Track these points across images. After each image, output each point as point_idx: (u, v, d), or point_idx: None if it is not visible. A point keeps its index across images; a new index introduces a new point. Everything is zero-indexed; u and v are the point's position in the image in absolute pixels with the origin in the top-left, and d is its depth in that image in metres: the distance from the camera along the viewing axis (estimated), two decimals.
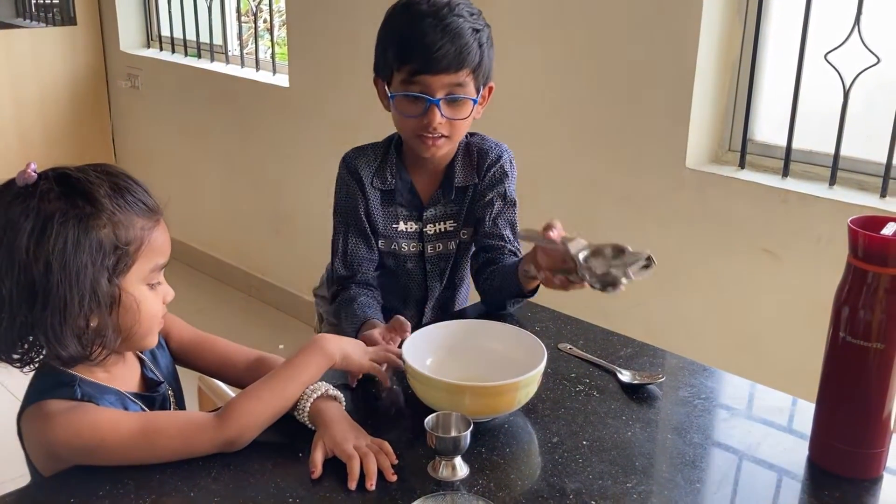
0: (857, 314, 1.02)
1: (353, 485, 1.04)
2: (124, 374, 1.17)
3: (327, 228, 1.61)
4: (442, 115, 1.41)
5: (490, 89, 1.50)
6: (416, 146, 1.47)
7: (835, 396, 1.08)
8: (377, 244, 1.57)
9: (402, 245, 1.57)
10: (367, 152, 1.56)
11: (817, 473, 1.10)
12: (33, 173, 1.06)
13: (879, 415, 1.05)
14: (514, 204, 1.58)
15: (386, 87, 1.47)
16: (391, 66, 1.43)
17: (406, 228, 1.56)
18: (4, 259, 1.03)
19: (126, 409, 1.13)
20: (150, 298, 1.11)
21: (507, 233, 1.56)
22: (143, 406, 1.17)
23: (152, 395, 1.21)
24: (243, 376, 1.27)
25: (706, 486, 1.07)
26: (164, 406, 1.22)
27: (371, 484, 1.04)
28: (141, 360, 1.23)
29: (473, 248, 1.61)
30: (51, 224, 1.02)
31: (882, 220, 1.04)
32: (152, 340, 1.17)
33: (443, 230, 1.58)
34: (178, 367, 1.32)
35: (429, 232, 1.57)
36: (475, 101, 1.45)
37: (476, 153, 1.56)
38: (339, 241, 1.57)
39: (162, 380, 1.24)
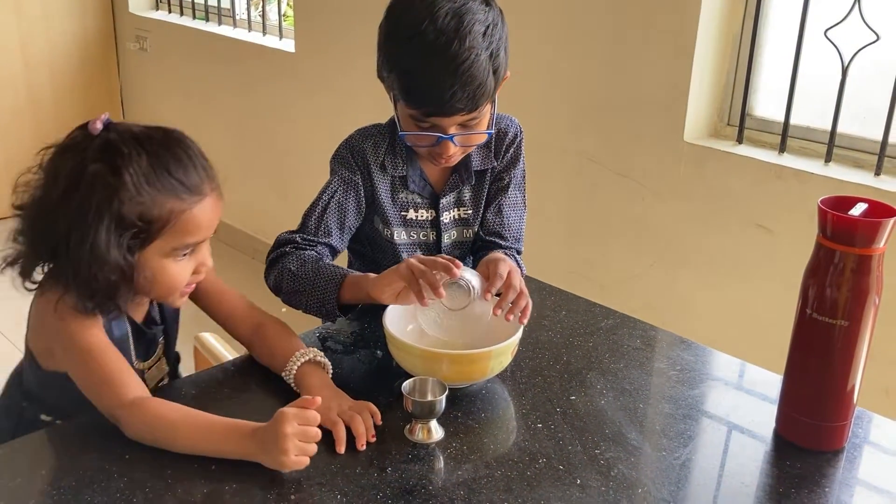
0: (823, 292, 1.04)
1: (341, 448, 1.07)
2: (136, 303, 1.22)
3: None
4: (456, 145, 1.33)
5: (505, 79, 1.37)
6: (430, 161, 1.40)
7: (801, 371, 1.11)
8: (385, 234, 1.46)
9: (415, 234, 1.47)
10: (373, 135, 1.44)
11: (782, 445, 1.13)
12: (99, 125, 1.09)
13: (843, 389, 1.08)
14: (523, 198, 1.52)
15: (393, 103, 1.36)
16: (396, 97, 1.32)
17: (417, 217, 1.46)
18: (43, 202, 1.09)
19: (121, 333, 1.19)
20: (170, 270, 1.13)
21: (511, 220, 1.49)
22: (133, 339, 1.23)
23: (146, 330, 1.25)
24: (246, 339, 1.31)
25: (672, 453, 1.10)
26: (150, 344, 1.28)
27: (361, 444, 1.08)
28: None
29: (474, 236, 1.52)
30: (79, 187, 1.06)
31: (852, 201, 1.05)
32: (175, 302, 1.20)
33: (458, 217, 1.49)
34: (184, 317, 1.36)
35: (444, 220, 1.47)
36: (490, 133, 1.38)
37: (495, 134, 1.46)
38: (312, 213, 1.42)
39: (160, 322, 1.28)
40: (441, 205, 1.46)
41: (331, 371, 1.22)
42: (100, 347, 1.11)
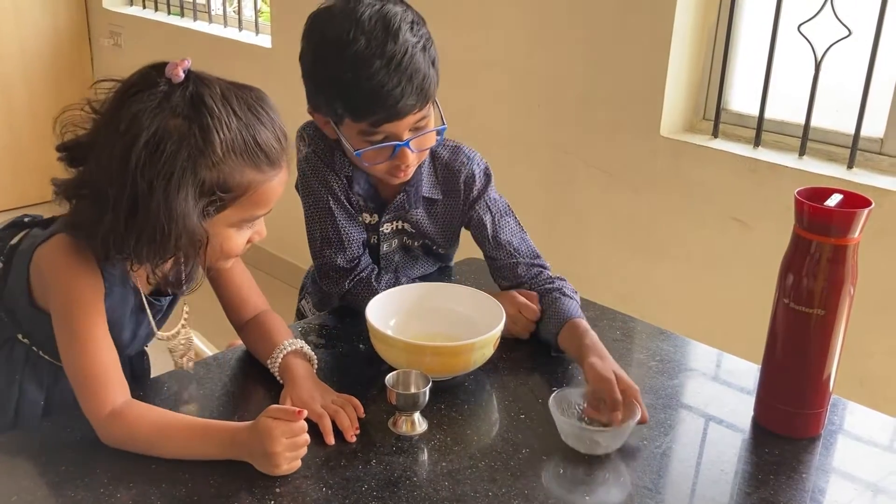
0: (800, 282, 1.06)
1: (330, 439, 1.08)
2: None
3: None
4: (413, 151, 1.28)
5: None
6: (387, 179, 1.34)
7: (778, 359, 1.13)
8: None
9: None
10: (324, 134, 1.37)
11: (760, 433, 1.15)
12: (182, 73, 1.03)
13: (819, 377, 1.10)
14: (508, 212, 1.45)
15: (335, 128, 1.30)
16: (341, 116, 1.26)
17: (362, 219, 1.41)
18: (120, 157, 0.99)
19: (124, 313, 1.16)
20: (232, 238, 1.09)
21: (517, 244, 1.42)
22: (137, 314, 1.19)
23: (154, 302, 1.22)
24: (240, 324, 1.29)
25: (653, 442, 1.11)
26: (158, 315, 1.24)
27: (350, 436, 1.08)
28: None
29: (492, 267, 1.45)
30: (164, 144, 0.99)
31: (827, 192, 1.07)
32: (224, 266, 1.17)
33: (399, 228, 1.45)
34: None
35: (385, 230, 1.43)
36: (443, 129, 1.32)
37: (442, 168, 1.41)
38: (327, 228, 1.36)
39: (169, 293, 1.23)
40: (384, 215, 1.41)
41: (316, 364, 1.22)
42: (96, 340, 1.06)
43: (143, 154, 0.99)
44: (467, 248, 1.54)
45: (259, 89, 1.10)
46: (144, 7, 3.89)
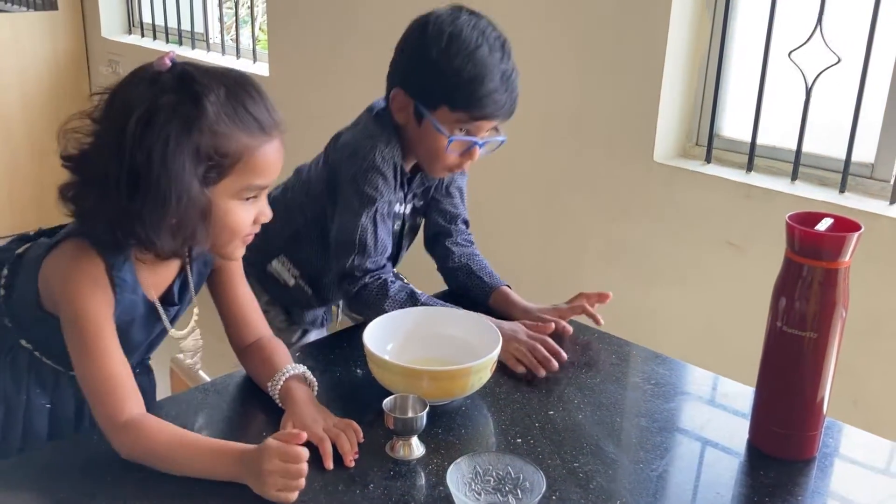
0: (793, 305, 1.08)
1: (329, 463, 1.08)
2: (162, 274, 1.20)
3: None
4: (480, 151, 1.46)
5: None
6: (436, 171, 1.50)
7: (772, 382, 1.13)
8: None
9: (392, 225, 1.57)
10: (389, 139, 1.48)
11: (756, 455, 1.15)
12: (168, 62, 1.06)
13: (814, 399, 1.11)
14: (464, 172, 1.62)
15: (421, 111, 1.43)
16: (439, 102, 1.41)
17: (398, 210, 1.57)
18: (115, 139, 1.03)
19: (133, 319, 1.17)
20: (236, 211, 1.10)
21: (458, 200, 1.65)
22: (146, 317, 1.19)
23: (168, 307, 1.22)
24: (241, 347, 1.29)
25: (648, 465, 1.12)
26: (172, 319, 1.24)
27: (350, 461, 1.09)
28: (184, 274, 1.24)
29: (426, 219, 1.67)
30: (157, 116, 1.02)
31: (818, 216, 1.09)
32: (235, 252, 1.17)
33: (416, 207, 1.63)
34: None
35: (407, 211, 1.61)
36: (504, 140, 1.49)
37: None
38: (366, 234, 1.46)
39: (177, 302, 1.24)
40: (409, 196, 1.58)
41: (316, 389, 1.22)
42: (109, 352, 1.08)
43: (136, 129, 1.01)
44: None
45: (245, 73, 1.14)
46: (143, 35, 3.94)
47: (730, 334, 2.09)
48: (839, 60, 1.91)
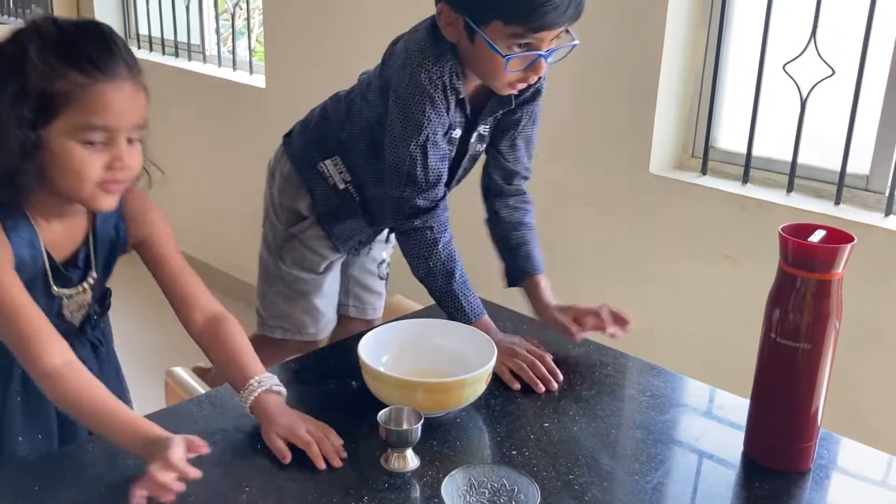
0: (786, 316, 1.08)
1: (321, 464, 1.09)
2: (61, 234, 1.18)
3: None
4: (548, 63, 1.36)
5: None
6: (500, 89, 1.39)
7: (766, 393, 1.14)
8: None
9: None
10: (441, 56, 1.37)
11: (751, 466, 1.15)
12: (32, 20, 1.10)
13: (808, 410, 1.11)
14: (536, 120, 1.57)
15: (473, 28, 1.31)
16: (491, 17, 1.30)
17: (454, 134, 1.48)
18: None
19: (25, 261, 1.13)
20: (78, 155, 1.08)
21: (522, 153, 1.57)
22: (51, 275, 1.18)
23: (63, 272, 1.20)
24: (198, 330, 1.26)
25: (644, 477, 1.12)
26: (67, 281, 1.21)
27: (338, 461, 1.10)
28: (88, 240, 1.22)
29: (485, 162, 1.58)
30: None
31: (811, 228, 1.09)
32: (97, 201, 1.12)
33: (481, 134, 1.54)
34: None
35: (472, 139, 1.52)
36: (576, 44, 1.38)
37: None
38: (416, 165, 1.37)
39: (81, 267, 1.22)
40: (479, 123, 1.49)
41: (285, 398, 1.20)
42: (19, 303, 1.08)
43: None
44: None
45: (98, 21, 1.15)
46: (139, 47, 3.94)
47: (726, 346, 2.09)
48: (833, 73, 1.92)
